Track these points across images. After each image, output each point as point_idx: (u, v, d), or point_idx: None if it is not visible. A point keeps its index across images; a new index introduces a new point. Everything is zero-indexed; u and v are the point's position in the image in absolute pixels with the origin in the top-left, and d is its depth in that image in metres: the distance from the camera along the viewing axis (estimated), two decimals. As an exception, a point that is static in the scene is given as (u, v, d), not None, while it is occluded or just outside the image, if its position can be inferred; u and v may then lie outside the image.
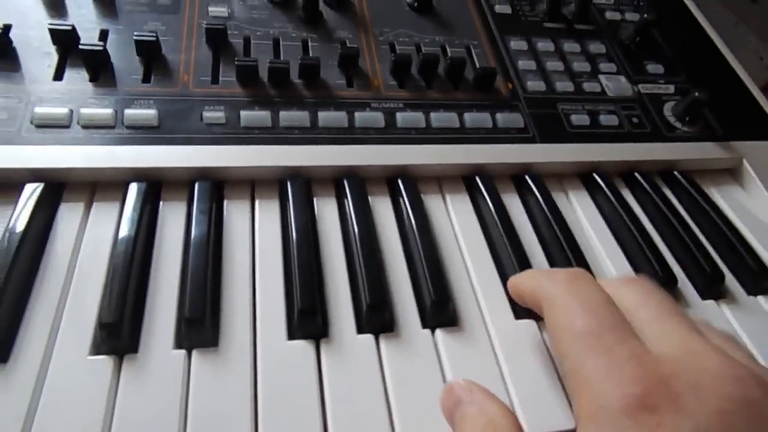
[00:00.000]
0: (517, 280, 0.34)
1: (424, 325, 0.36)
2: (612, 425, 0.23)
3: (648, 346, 0.26)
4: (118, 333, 0.32)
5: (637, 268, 0.42)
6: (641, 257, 0.42)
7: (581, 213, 0.47)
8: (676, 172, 0.51)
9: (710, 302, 0.41)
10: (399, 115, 0.47)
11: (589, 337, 0.26)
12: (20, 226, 0.35)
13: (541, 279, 0.31)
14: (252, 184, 0.42)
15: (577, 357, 0.26)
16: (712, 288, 0.42)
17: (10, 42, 0.44)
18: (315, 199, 0.42)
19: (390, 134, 0.46)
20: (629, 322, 0.27)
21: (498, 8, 0.59)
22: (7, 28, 0.44)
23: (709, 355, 0.24)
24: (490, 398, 0.29)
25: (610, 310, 0.27)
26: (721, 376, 0.23)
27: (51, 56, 0.44)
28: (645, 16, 0.58)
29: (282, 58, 0.48)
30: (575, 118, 0.51)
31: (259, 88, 0.46)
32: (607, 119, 0.52)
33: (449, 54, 0.53)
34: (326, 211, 0.42)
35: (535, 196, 0.46)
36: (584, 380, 0.25)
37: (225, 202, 0.41)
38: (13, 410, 0.29)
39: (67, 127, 0.40)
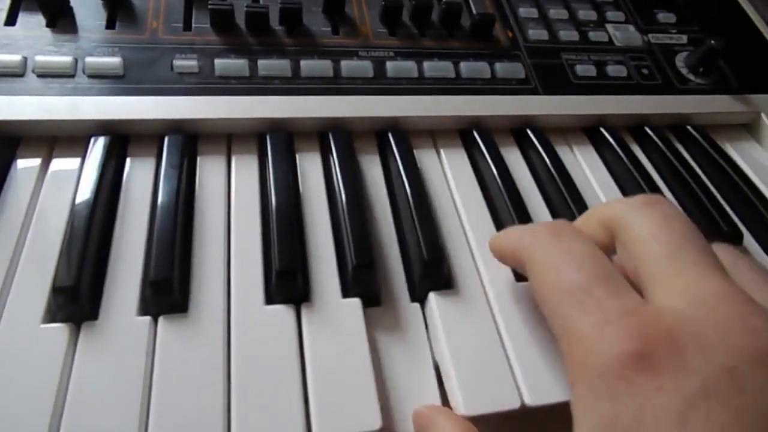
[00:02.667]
0: (497, 239, 0.31)
1: (414, 292, 0.33)
2: (607, 392, 0.20)
3: (651, 295, 0.22)
4: (76, 298, 0.28)
5: (647, 227, 0.39)
6: (652, 215, 0.39)
7: (587, 168, 0.43)
8: (689, 127, 0.47)
9: (727, 262, 0.38)
10: (389, 64, 0.43)
11: (577, 292, 0.23)
12: (-32, 184, 0.32)
13: (521, 236, 0.28)
14: (228, 138, 0.39)
15: (565, 316, 0.23)
16: (729, 247, 0.39)
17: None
18: (297, 155, 0.39)
19: (379, 84, 0.42)
20: (637, 259, 0.23)
21: (497, -47, 0.55)
22: (-46, -32, 0.40)
23: (724, 300, 0.20)
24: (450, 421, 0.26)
25: (599, 260, 0.24)
26: (730, 325, 0.20)
27: None
28: (656, -41, 0.54)
29: (261, 2, 0.44)
30: (580, 69, 0.47)
31: (235, 35, 0.42)
32: (615, 70, 0.48)
33: None
34: (309, 167, 0.38)
35: (538, 150, 0.42)
36: (575, 341, 0.22)
37: (198, 158, 0.37)
38: None
39: (21, 75, 0.37)
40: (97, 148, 0.35)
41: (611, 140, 0.44)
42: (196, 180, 0.36)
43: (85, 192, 0.33)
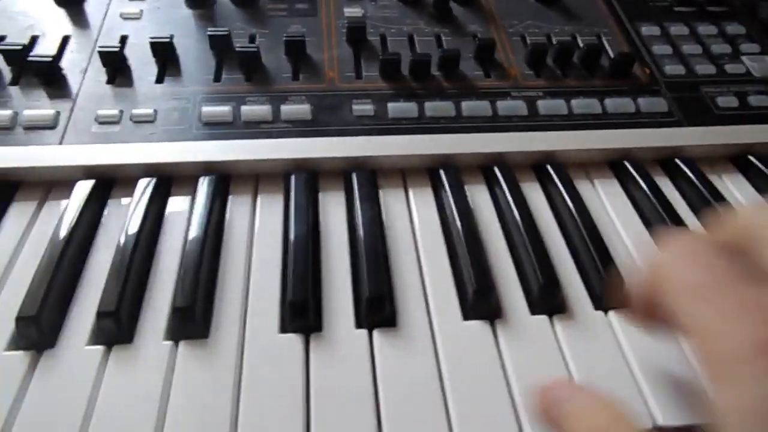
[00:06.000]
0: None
1: (532, 312, 0.35)
2: (739, 378, 0.19)
3: None
4: (304, 311, 0.33)
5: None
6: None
7: (739, 195, 0.44)
8: (841, 152, 0.47)
9: None
10: (540, 103, 0.46)
11: (704, 289, 0.22)
12: (200, 215, 0.38)
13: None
14: (402, 172, 0.43)
15: (690, 312, 0.22)
16: None
17: (174, 50, 0.47)
18: (466, 187, 0.42)
19: (533, 121, 0.45)
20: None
21: (624, -5, 0.58)
22: (171, 37, 0.47)
23: None
24: (590, 394, 0.26)
25: (727, 260, 0.23)
26: None
27: (209, 60, 0.47)
28: (788, -8, 0.55)
29: (419, 52, 0.49)
30: (722, 100, 0.49)
31: (401, 81, 0.47)
32: (758, 100, 0.49)
33: (581, 42, 0.52)
34: (478, 197, 0.42)
35: (690, 179, 0.44)
36: (702, 333, 0.21)
37: (380, 191, 0.42)
38: (222, 382, 0.30)
39: (231, 123, 0.43)
40: (297, 183, 0.40)
41: (763, 168, 0.45)
42: (381, 210, 0.40)
43: (295, 222, 0.38)
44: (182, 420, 0.29)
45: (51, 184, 0.40)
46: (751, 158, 0.46)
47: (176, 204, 0.40)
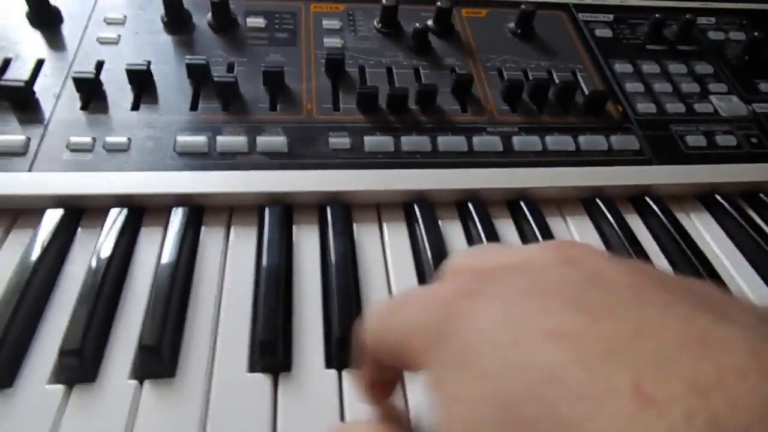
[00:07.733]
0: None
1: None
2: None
3: None
4: (274, 351, 0.33)
5: (776, 292, 0.41)
6: (780, 280, 0.41)
7: (706, 234, 0.45)
8: (804, 193, 0.49)
9: None
10: (515, 139, 0.47)
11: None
12: (171, 248, 0.37)
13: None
14: (377, 207, 0.43)
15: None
16: None
17: (151, 77, 0.47)
18: (440, 222, 0.42)
19: (508, 158, 0.46)
20: None
21: (599, 32, 0.59)
22: (148, 64, 0.47)
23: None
24: None
25: None
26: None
27: (186, 89, 0.47)
28: (755, 34, 0.57)
29: (396, 86, 0.49)
30: (691, 139, 0.50)
31: (378, 115, 0.47)
32: (724, 140, 0.50)
33: (556, 78, 0.53)
34: (452, 233, 0.42)
35: (659, 217, 0.45)
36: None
37: (354, 225, 0.42)
38: (187, 423, 0.30)
39: (206, 154, 0.43)
40: (271, 216, 0.40)
41: (728, 207, 0.46)
42: (356, 245, 0.40)
43: (268, 257, 0.37)
44: (144, 464, 0.28)
45: (18, 212, 0.40)
46: (718, 197, 0.47)
47: (147, 235, 0.40)
